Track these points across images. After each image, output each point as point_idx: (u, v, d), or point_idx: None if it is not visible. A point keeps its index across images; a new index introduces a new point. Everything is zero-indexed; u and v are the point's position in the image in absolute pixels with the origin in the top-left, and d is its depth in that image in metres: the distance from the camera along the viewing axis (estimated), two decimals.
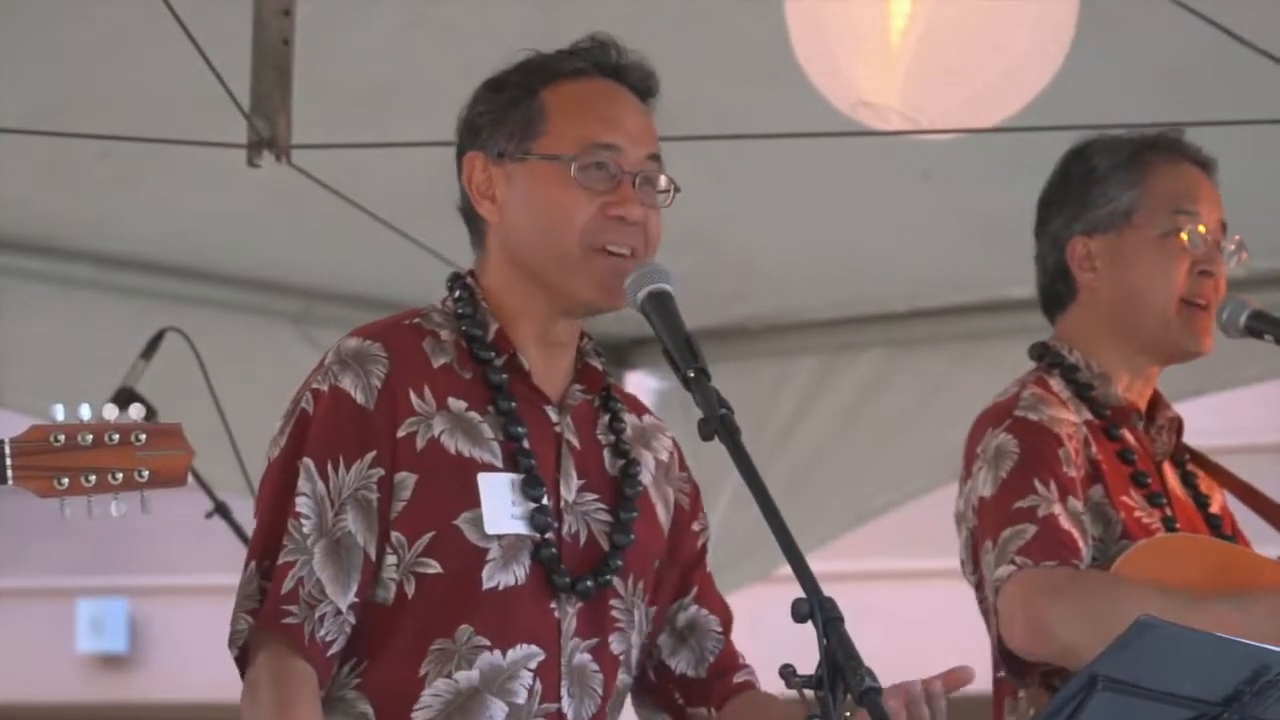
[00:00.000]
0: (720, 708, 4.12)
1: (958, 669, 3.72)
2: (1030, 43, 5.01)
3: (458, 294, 4.01)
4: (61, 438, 3.66)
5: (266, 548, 3.90)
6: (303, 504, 3.88)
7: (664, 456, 4.15)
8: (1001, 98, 5.08)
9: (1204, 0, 5.31)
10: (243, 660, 3.89)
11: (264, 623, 3.84)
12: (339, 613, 3.85)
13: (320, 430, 3.91)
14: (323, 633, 3.84)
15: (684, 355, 3.79)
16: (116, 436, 3.68)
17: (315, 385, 3.92)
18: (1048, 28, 5.00)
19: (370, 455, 3.88)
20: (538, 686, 3.91)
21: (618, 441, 4.06)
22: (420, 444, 3.90)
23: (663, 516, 4.13)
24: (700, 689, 4.14)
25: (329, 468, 3.89)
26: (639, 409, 4.17)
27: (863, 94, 5.02)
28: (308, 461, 3.89)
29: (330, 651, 3.84)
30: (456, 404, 3.94)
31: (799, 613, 3.51)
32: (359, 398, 3.89)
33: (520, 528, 3.91)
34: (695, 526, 4.22)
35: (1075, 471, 4.56)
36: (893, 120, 5.07)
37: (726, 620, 4.23)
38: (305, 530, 3.86)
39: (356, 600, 3.85)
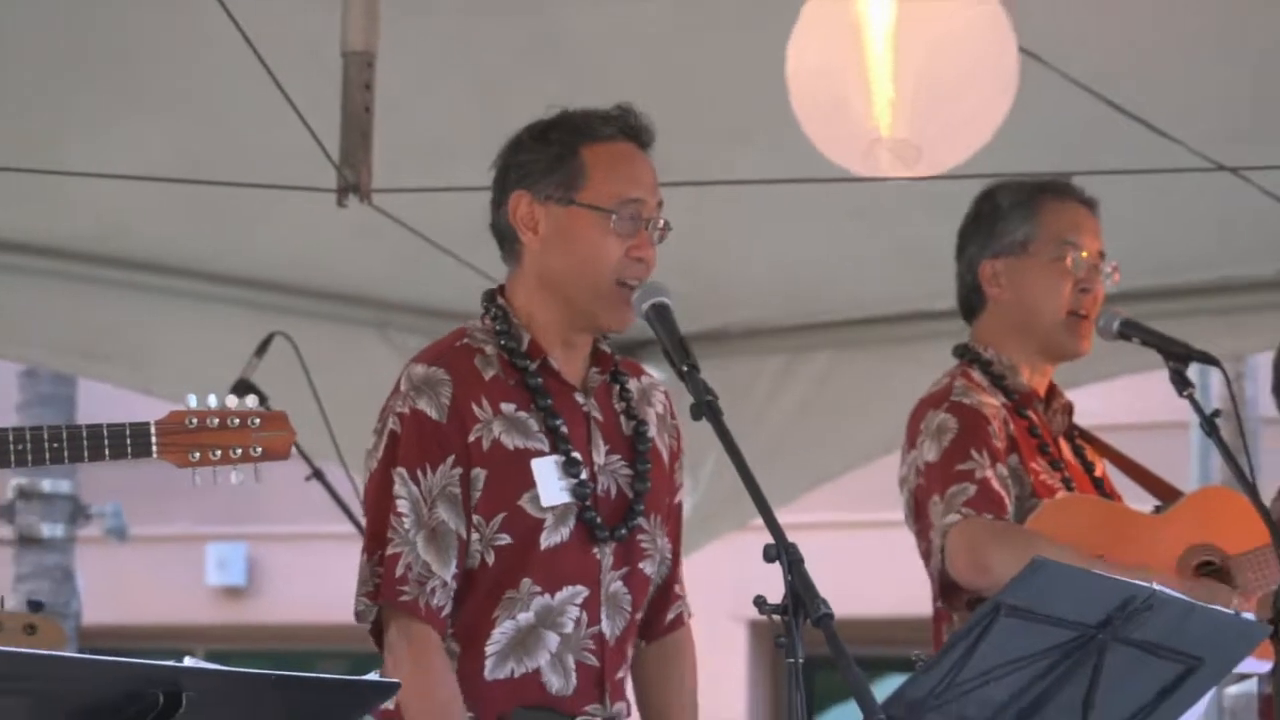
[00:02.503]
0: (649, 641, 4.19)
1: None
2: (984, 99, 4.97)
3: (494, 313, 4.02)
4: (195, 421, 3.67)
5: (375, 542, 3.95)
6: (402, 505, 3.92)
7: (660, 410, 4.17)
8: (964, 139, 5.04)
9: (1096, 77, 5.31)
10: (375, 631, 3.96)
11: (387, 601, 3.90)
12: (445, 584, 3.90)
13: (407, 445, 3.94)
14: (436, 601, 3.88)
15: (679, 354, 3.85)
16: (237, 421, 3.69)
17: (398, 409, 3.96)
18: (997, 86, 4.95)
19: (450, 459, 3.92)
20: (584, 617, 3.96)
21: (628, 407, 4.08)
22: (486, 445, 3.94)
23: (666, 459, 4.16)
24: (645, 611, 4.18)
25: (419, 474, 3.93)
26: (637, 371, 4.19)
27: (873, 136, 4.97)
28: (401, 471, 3.93)
29: (444, 613, 3.90)
30: (507, 407, 3.98)
31: (769, 555, 3.54)
32: (434, 415, 3.92)
33: (566, 498, 3.95)
34: (676, 468, 4.26)
35: (1000, 443, 4.59)
36: (898, 159, 5.02)
37: (676, 549, 4.24)
38: (406, 526, 3.90)
39: (457, 571, 3.91)
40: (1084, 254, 4.68)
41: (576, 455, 3.96)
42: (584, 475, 3.96)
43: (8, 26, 5.50)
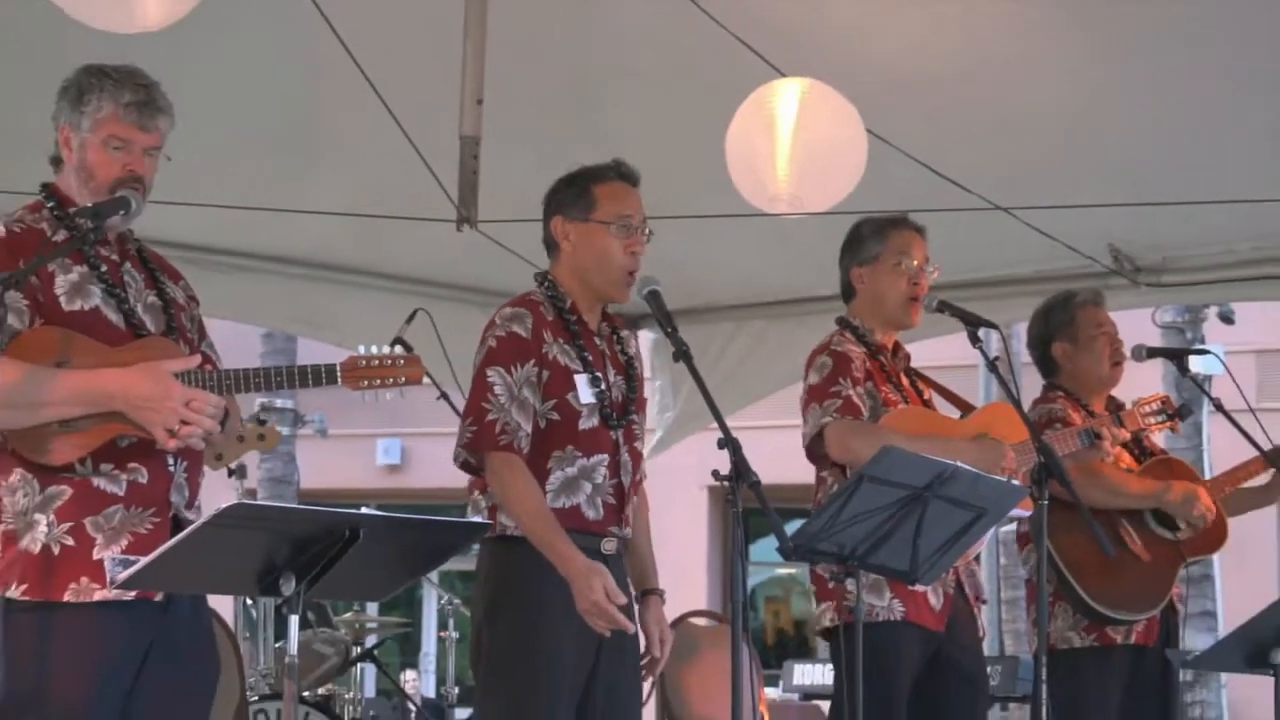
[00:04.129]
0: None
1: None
2: (845, 166, 4.94)
3: (546, 285, 4.04)
4: (364, 361, 3.66)
5: (475, 412, 3.91)
6: (498, 389, 3.89)
7: (634, 350, 4.14)
8: (833, 192, 5.01)
9: (919, 150, 5.30)
10: (466, 467, 3.94)
11: (487, 446, 3.87)
12: (527, 435, 3.89)
13: (505, 353, 3.93)
14: (521, 444, 3.88)
15: (666, 321, 3.88)
16: (389, 361, 3.69)
17: (497, 333, 3.96)
18: (853, 158, 4.93)
19: (531, 361, 3.92)
20: (607, 474, 3.96)
21: (621, 348, 4.07)
22: (550, 357, 3.95)
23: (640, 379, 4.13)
24: None
25: (513, 369, 3.91)
26: (623, 325, 4.16)
27: (772, 192, 4.96)
28: (499, 369, 3.91)
29: (525, 452, 3.88)
30: (558, 339, 3.95)
31: (721, 445, 3.56)
32: (524, 334, 3.94)
33: (593, 400, 3.96)
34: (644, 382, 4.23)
35: (860, 374, 4.56)
36: (788, 204, 4.99)
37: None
38: (503, 401, 3.88)
39: (531, 427, 3.89)
40: (914, 262, 4.65)
41: (599, 375, 3.95)
42: (603, 387, 3.95)
43: (258, 115, 5.51)
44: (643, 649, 4.02)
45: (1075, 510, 4.32)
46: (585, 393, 3.94)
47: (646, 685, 4.18)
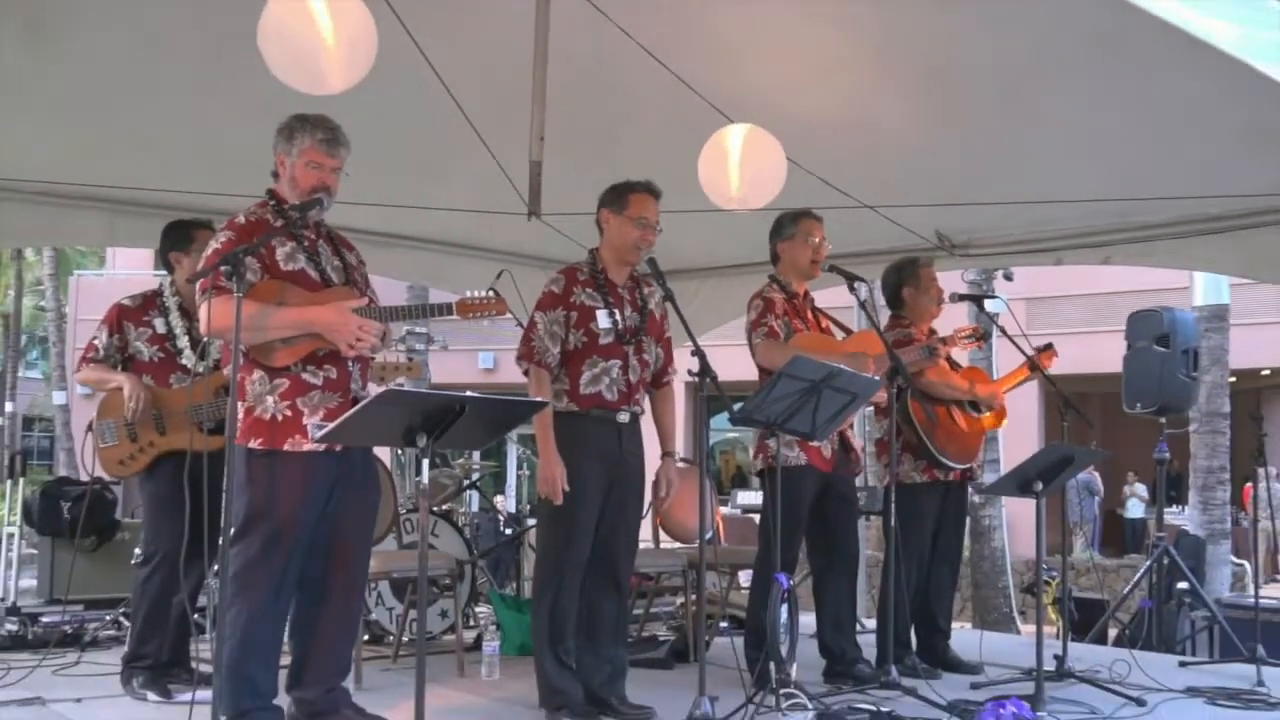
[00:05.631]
0: (658, 389, 4.04)
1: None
2: (773, 179, 4.86)
3: (590, 256, 3.96)
4: (470, 300, 3.62)
5: (525, 338, 3.88)
6: (540, 326, 3.87)
7: (657, 299, 4.03)
8: (764, 195, 4.93)
9: (819, 167, 5.20)
10: (524, 371, 3.87)
11: (528, 359, 3.85)
12: (555, 355, 3.87)
13: (546, 303, 3.90)
14: (550, 361, 3.86)
15: (659, 278, 3.78)
16: (487, 300, 3.65)
17: (544, 290, 3.90)
18: (778, 174, 4.82)
19: (559, 309, 3.91)
20: (620, 372, 3.89)
21: (641, 296, 3.97)
22: (577, 303, 3.82)
23: (659, 318, 4.03)
24: (653, 377, 4.05)
25: (549, 313, 3.89)
26: (648, 284, 4.04)
27: (729, 196, 4.88)
28: (541, 314, 3.88)
29: (553, 366, 3.85)
30: (588, 289, 3.87)
31: (692, 354, 3.52)
32: (557, 291, 3.88)
33: (609, 325, 3.82)
34: (665, 327, 4.10)
35: (779, 311, 4.50)
36: (735, 204, 4.90)
37: (668, 353, 4.07)
38: (541, 333, 3.88)
39: (560, 351, 3.85)
40: (816, 239, 4.60)
41: (615, 310, 3.87)
42: (617, 317, 3.88)
43: (404, 147, 5.41)
44: (660, 490, 4.11)
45: (927, 400, 4.37)
46: (603, 321, 3.93)
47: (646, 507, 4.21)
